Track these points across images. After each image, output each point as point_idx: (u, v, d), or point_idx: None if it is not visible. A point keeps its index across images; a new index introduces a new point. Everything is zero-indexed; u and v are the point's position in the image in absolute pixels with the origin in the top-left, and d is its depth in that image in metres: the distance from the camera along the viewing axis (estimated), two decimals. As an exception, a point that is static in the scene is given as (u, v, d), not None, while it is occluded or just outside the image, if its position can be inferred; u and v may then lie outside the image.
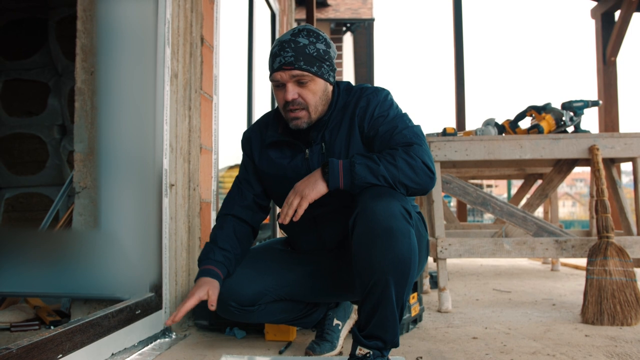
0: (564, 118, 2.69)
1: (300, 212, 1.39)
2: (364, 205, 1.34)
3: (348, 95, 1.55)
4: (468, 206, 7.50)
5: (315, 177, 1.40)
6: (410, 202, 1.48)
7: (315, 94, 1.47)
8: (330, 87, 1.53)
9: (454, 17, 6.85)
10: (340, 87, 1.57)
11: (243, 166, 1.69)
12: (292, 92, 1.45)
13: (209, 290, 1.46)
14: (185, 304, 1.42)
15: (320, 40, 1.47)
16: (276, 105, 1.56)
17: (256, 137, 1.65)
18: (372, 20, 10.24)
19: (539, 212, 5.66)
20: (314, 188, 1.38)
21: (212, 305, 1.44)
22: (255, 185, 1.65)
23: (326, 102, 1.51)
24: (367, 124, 1.48)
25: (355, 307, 1.85)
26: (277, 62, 1.45)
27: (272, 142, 1.59)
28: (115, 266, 1.80)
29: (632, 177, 2.63)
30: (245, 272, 1.59)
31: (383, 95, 1.51)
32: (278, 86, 1.48)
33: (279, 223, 1.73)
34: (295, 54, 1.43)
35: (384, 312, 1.35)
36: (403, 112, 1.52)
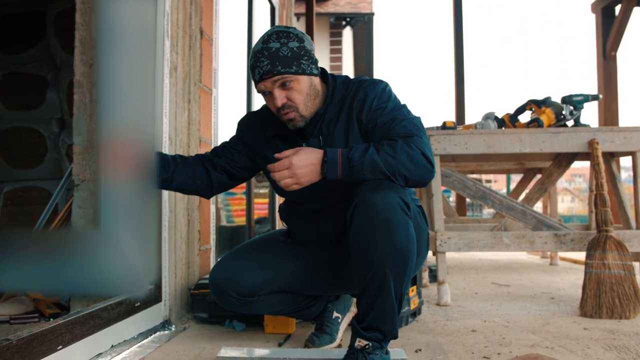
0: (563, 112, 2.69)
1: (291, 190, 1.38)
2: (362, 197, 1.33)
3: (346, 89, 1.54)
4: (467, 201, 7.50)
5: (315, 165, 1.36)
6: (410, 194, 1.47)
7: (302, 92, 1.46)
8: (317, 79, 1.51)
9: (454, 10, 6.83)
10: (337, 81, 1.56)
11: (233, 140, 1.67)
12: (279, 98, 1.44)
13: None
14: None
15: (291, 38, 1.44)
16: None
17: (260, 127, 1.63)
18: (372, 14, 10.22)
19: (538, 207, 5.66)
20: (309, 178, 1.36)
21: None
22: (237, 158, 1.63)
23: (316, 96, 1.50)
24: (366, 116, 1.47)
25: (355, 300, 1.85)
26: (257, 74, 1.45)
27: (271, 136, 1.59)
28: (114, 260, 1.79)
29: (631, 174, 2.63)
30: (246, 263, 1.60)
31: (381, 87, 1.50)
32: (266, 94, 1.48)
33: (279, 213, 1.74)
34: (270, 60, 1.41)
35: (382, 304, 1.35)
36: (402, 103, 1.50)
